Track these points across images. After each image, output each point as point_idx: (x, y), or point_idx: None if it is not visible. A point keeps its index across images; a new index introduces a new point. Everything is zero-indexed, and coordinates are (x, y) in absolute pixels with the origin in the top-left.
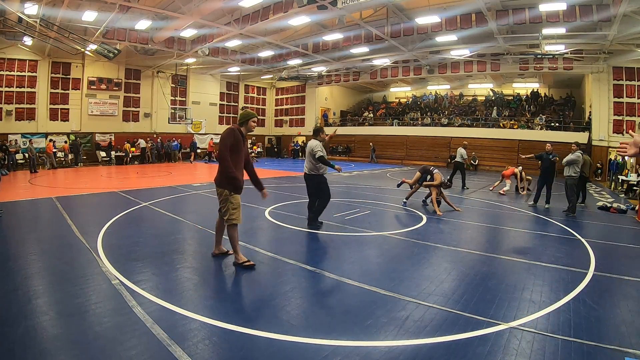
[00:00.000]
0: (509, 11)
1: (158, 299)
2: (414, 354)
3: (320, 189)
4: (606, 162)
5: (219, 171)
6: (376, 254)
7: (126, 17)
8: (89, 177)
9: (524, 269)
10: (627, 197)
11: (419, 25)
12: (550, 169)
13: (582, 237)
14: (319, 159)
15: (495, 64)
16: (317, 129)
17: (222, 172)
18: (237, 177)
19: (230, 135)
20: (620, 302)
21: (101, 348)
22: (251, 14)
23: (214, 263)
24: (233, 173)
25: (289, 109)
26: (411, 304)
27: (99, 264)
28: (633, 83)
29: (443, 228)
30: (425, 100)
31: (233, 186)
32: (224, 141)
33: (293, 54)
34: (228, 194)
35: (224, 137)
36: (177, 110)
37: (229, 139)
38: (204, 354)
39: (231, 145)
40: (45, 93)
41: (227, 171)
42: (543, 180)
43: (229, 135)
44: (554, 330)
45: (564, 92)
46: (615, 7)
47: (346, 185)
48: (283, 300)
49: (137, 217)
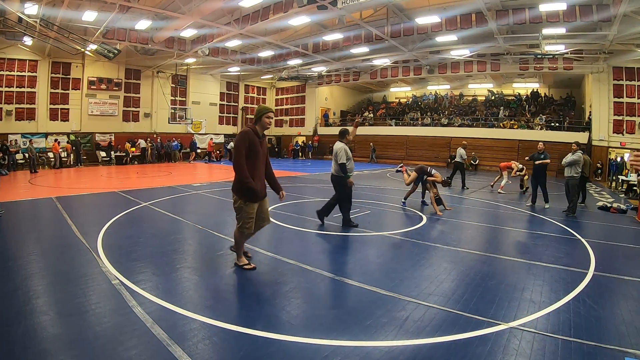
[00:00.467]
0: (509, 11)
1: (158, 299)
2: (414, 354)
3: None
4: (606, 162)
5: (235, 178)
6: (376, 254)
7: (126, 17)
8: (89, 177)
9: (524, 269)
10: (627, 197)
11: (419, 25)
12: (540, 168)
13: (582, 237)
14: (339, 165)
15: (495, 64)
16: (343, 131)
17: (239, 180)
18: (254, 188)
19: (244, 139)
20: (620, 302)
21: (101, 348)
22: (251, 14)
23: (214, 263)
24: (250, 183)
25: (289, 109)
26: (411, 304)
27: (99, 264)
28: (633, 83)
29: (443, 228)
30: (426, 100)
31: (249, 196)
32: (238, 148)
33: (293, 54)
34: (243, 203)
35: (237, 144)
36: (177, 110)
37: (243, 144)
38: (204, 354)
39: (246, 149)
40: (45, 93)
41: (244, 181)
42: (536, 181)
43: (242, 140)
44: (554, 330)
45: (564, 92)
46: (615, 7)
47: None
48: (283, 300)
49: (137, 217)
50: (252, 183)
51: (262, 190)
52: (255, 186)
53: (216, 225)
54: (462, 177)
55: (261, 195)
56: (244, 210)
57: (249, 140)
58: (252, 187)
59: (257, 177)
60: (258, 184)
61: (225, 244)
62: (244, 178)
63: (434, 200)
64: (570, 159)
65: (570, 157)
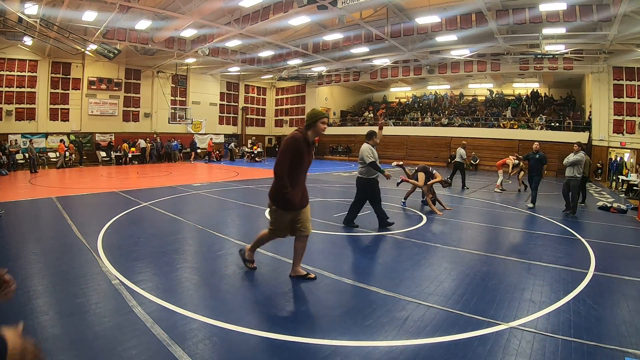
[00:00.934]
0: (509, 11)
1: (158, 299)
2: (414, 354)
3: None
4: (606, 162)
5: (274, 186)
6: (376, 254)
7: (126, 17)
8: (89, 177)
9: (524, 269)
10: (627, 197)
11: (419, 25)
12: (535, 168)
13: (582, 237)
14: (370, 164)
15: (495, 64)
16: (371, 132)
17: (277, 189)
18: (292, 200)
19: (292, 146)
20: (620, 302)
21: (101, 348)
22: (251, 14)
23: (214, 263)
24: (289, 194)
25: (289, 109)
26: (411, 304)
27: (99, 264)
28: (633, 83)
29: (443, 228)
30: (426, 101)
31: (284, 204)
32: (284, 154)
33: (293, 54)
34: (275, 209)
35: (283, 148)
36: (177, 110)
37: (290, 150)
38: (204, 354)
39: (292, 157)
40: (45, 93)
41: (283, 191)
42: (530, 180)
43: (289, 146)
44: (554, 330)
45: (564, 92)
46: (615, 7)
47: (346, 185)
48: (283, 300)
49: (138, 217)
50: (290, 194)
51: (301, 200)
52: (293, 197)
53: (216, 225)
54: (462, 177)
55: (297, 206)
56: (277, 216)
57: (297, 149)
58: (291, 198)
59: (298, 186)
60: (297, 195)
61: (225, 244)
62: (282, 188)
63: (431, 202)
64: (573, 159)
65: (573, 157)
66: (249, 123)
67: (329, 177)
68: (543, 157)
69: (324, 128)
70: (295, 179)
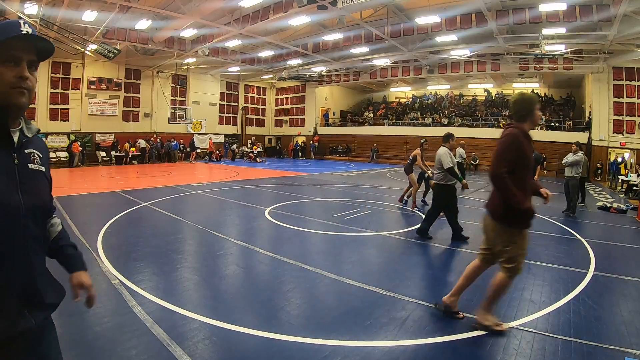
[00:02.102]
0: (509, 11)
1: (158, 299)
2: (414, 354)
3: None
4: (606, 162)
5: (497, 200)
6: (376, 254)
7: (126, 17)
8: (89, 177)
9: (524, 269)
10: (627, 197)
11: (419, 25)
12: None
13: (582, 237)
14: (448, 170)
15: (495, 64)
16: (448, 135)
17: (503, 201)
18: (528, 209)
19: (513, 145)
20: (620, 302)
21: (101, 348)
22: (251, 14)
23: (214, 263)
24: (520, 203)
25: (289, 109)
26: (411, 304)
27: (99, 263)
28: (633, 83)
29: (443, 228)
30: (427, 101)
31: (525, 220)
32: (502, 155)
33: (293, 54)
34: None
35: (501, 150)
36: (177, 110)
37: (510, 153)
38: (204, 354)
39: (513, 161)
40: (45, 93)
41: (513, 201)
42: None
43: (509, 147)
44: (554, 330)
45: (564, 92)
46: (615, 7)
47: (346, 185)
48: (283, 300)
49: (137, 217)
50: (523, 202)
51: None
52: (529, 205)
53: (216, 225)
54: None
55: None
56: (517, 242)
57: (519, 147)
58: (526, 208)
59: (529, 193)
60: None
61: (225, 244)
62: (515, 204)
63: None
64: (572, 159)
65: (572, 157)
66: (248, 123)
67: (328, 177)
68: (539, 157)
69: (540, 116)
70: (525, 185)
